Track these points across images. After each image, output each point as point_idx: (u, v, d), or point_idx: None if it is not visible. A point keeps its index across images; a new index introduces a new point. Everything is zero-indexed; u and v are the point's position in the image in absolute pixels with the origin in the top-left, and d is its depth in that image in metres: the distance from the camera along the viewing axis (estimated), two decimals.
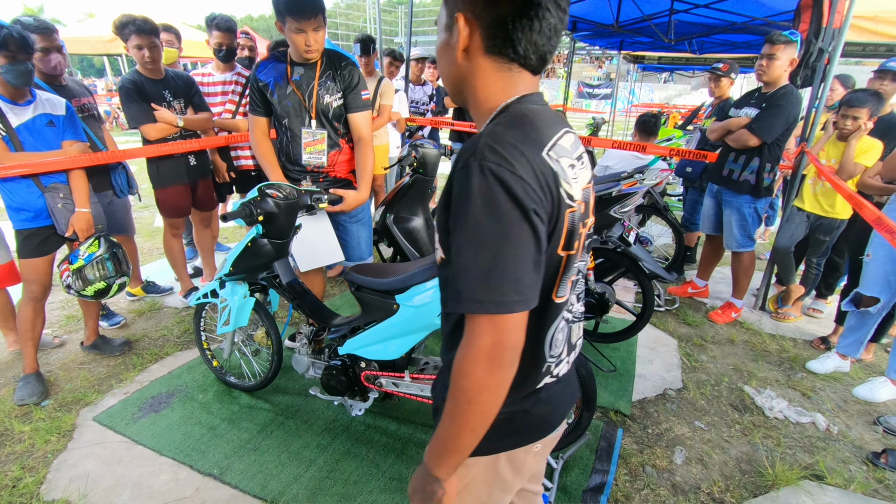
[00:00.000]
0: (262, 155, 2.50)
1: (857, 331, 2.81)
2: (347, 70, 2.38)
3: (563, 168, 0.81)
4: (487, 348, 0.76)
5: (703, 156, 3.60)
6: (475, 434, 0.82)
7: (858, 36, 4.95)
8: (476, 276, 0.75)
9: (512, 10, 0.79)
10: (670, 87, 24.73)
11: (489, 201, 0.74)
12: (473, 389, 0.78)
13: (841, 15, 3.15)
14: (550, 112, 0.88)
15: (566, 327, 0.95)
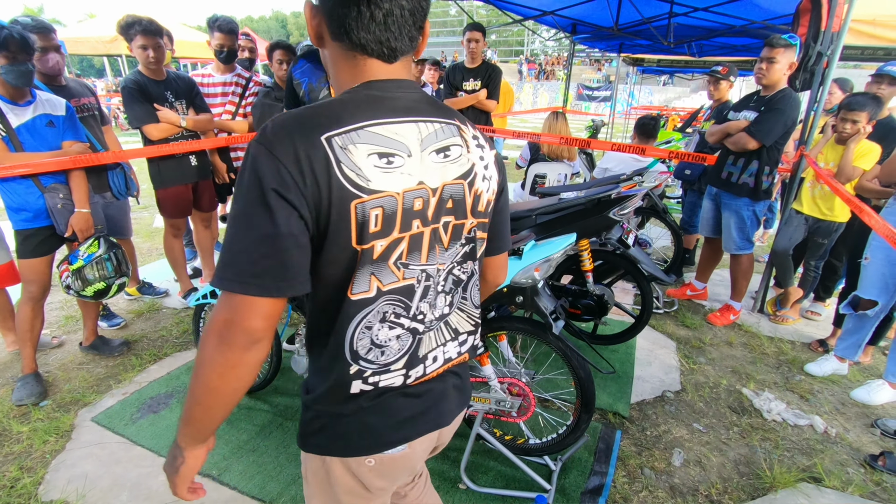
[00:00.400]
0: None
1: (855, 333, 2.82)
2: None
3: (346, 153, 0.76)
4: (220, 324, 0.74)
5: (702, 158, 3.61)
6: (202, 408, 0.79)
7: (857, 39, 4.97)
8: (225, 251, 0.74)
9: (333, 4, 0.77)
10: (669, 89, 24.78)
11: (241, 180, 0.75)
12: (200, 361, 0.77)
13: (839, 19, 3.16)
14: (394, 100, 0.83)
15: (409, 332, 0.88)
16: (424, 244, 0.86)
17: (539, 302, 1.84)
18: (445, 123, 0.87)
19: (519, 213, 2.87)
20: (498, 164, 0.96)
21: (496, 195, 0.96)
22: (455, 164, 0.87)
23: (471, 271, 0.96)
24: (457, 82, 4.54)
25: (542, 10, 6.52)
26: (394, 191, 0.80)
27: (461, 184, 0.87)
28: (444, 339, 0.95)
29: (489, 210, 0.94)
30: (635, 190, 2.71)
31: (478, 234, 0.94)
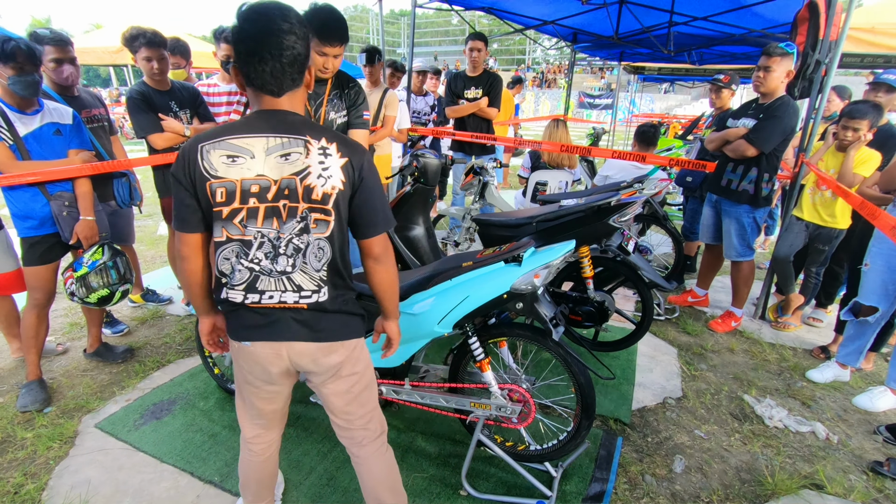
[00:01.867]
0: None
1: (857, 340, 2.82)
2: (354, 90, 2.50)
3: (209, 154, 1.26)
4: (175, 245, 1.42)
5: (702, 166, 3.63)
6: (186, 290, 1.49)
7: (857, 47, 5.01)
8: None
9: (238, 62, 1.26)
10: (670, 97, 24.87)
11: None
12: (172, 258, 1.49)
13: (837, 27, 3.19)
14: (262, 123, 1.28)
15: (248, 269, 1.32)
16: (260, 215, 1.29)
17: (539, 308, 1.86)
18: (293, 138, 1.28)
19: (519, 220, 2.89)
20: (346, 170, 1.31)
21: (341, 192, 1.31)
22: (291, 165, 1.27)
23: (308, 242, 1.33)
24: (458, 91, 4.58)
25: (542, 19, 6.57)
26: (234, 178, 1.27)
27: (294, 179, 1.28)
28: (284, 288, 1.35)
29: (331, 201, 1.30)
30: (635, 197, 2.73)
31: (313, 216, 1.31)
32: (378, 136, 4.33)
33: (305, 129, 1.29)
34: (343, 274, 1.43)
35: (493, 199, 4.06)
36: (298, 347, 1.41)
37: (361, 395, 1.56)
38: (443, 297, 1.85)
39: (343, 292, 1.45)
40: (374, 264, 1.46)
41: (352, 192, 1.34)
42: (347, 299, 1.47)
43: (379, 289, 1.51)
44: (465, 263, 1.85)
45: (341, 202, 1.33)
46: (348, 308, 1.46)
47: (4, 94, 2.33)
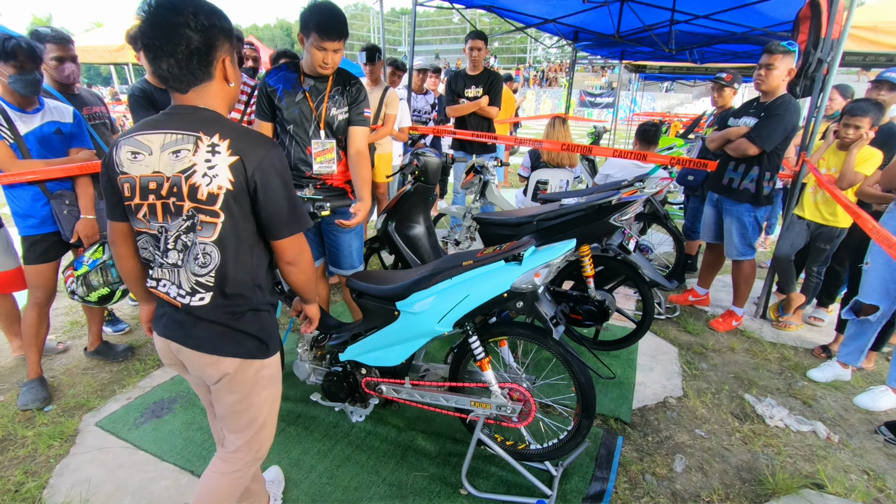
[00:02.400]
0: None
1: (858, 339, 2.82)
2: (356, 87, 2.49)
3: (120, 149, 1.28)
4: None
5: (704, 164, 3.62)
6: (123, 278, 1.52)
7: (859, 46, 5.00)
8: None
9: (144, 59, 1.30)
10: (672, 96, 24.81)
11: None
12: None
13: (839, 26, 3.18)
14: (167, 119, 1.28)
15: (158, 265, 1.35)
16: (158, 211, 1.29)
17: (539, 307, 1.85)
18: (186, 135, 1.24)
19: (520, 218, 2.88)
20: (235, 170, 1.24)
21: (231, 192, 1.25)
22: (180, 162, 1.24)
23: (193, 242, 1.29)
24: (459, 89, 4.57)
25: (543, 17, 6.56)
26: (134, 174, 1.28)
27: (181, 176, 1.25)
28: (172, 281, 1.35)
29: (218, 202, 1.25)
30: (636, 196, 2.73)
31: (199, 217, 1.27)
32: (379, 135, 4.32)
33: (203, 125, 1.25)
34: (245, 284, 1.35)
35: (494, 198, 4.05)
36: (175, 346, 1.41)
37: (239, 420, 1.48)
38: (443, 295, 1.85)
39: (242, 305, 1.36)
40: (287, 266, 1.42)
41: (248, 192, 1.27)
42: (246, 314, 1.38)
43: (295, 287, 1.51)
44: (465, 262, 1.85)
45: (233, 204, 1.26)
46: (240, 324, 1.37)
47: (5, 92, 2.33)
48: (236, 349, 1.39)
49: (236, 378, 1.41)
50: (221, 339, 1.37)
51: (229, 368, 1.39)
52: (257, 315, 1.41)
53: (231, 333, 1.38)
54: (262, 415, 1.50)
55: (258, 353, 1.43)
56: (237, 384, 1.43)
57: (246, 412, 1.47)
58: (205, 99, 1.29)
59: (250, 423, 1.49)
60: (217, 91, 1.31)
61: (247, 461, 1.55)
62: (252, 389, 1.45)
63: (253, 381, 1.44)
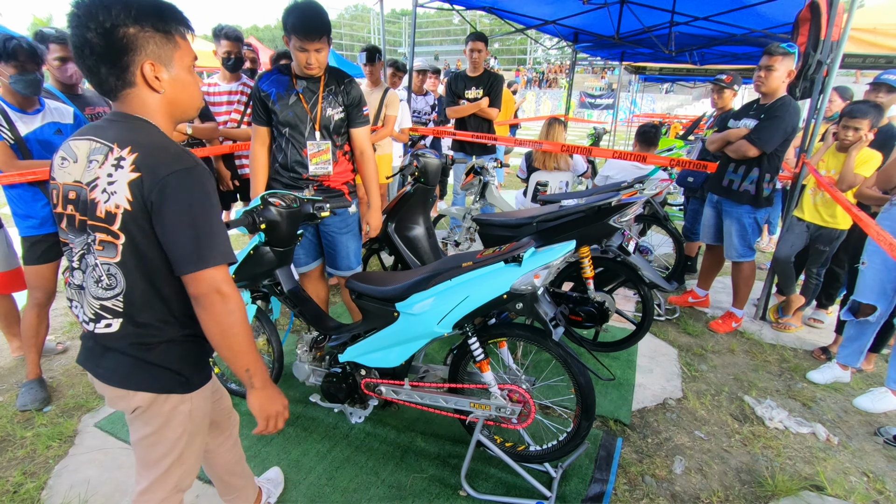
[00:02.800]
0: (254, 168, 2.59)
1: (857, 340, 2.82)
2: (350, 87, 2.48)
3: (57, 153, 1.23)
4: None
5: (703, 166, 3.62)
6: None
7: (858, 48, 5.00)
8: None
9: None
10: (671, 97, 24.83)
11: None
12: None
13: (839, 28, 3.18)
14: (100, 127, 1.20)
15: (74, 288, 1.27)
16: (76, 222, 1.19)
17: (539, 309, 1.85)
18: (102, 144, 1.15)
19: (520, 220, 2.88)
20: (134, 188, 1.10)
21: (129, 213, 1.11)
22: (90, 172, 1.15)
23: (95, 264, 1.17)
24: (459, 91, 4.58)
25: (543, 19, 6.57)
26: (60, 181, 1.20)
27: (85, 188, 1.15)
28: (80, 303, 1.26)
29: (116, 222, 1.12)
30: (635, 197, 2.73)
31: (99, 236, 1.15)
32: (379, 136, 4.32)
33: (122, 135, 1.13)
34: (154, 315, 1.21)
35: (494, 199, 4.06)
36: (89, 376, 1.31)
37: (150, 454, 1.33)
38: (443, 297, 1.85)
39: (150, 336, 1.22)
40: (197, 310, 1.18)
41: (146, 215, 1.12)
42: (160, 346, 1.23)
43: (212, 343, 1.23)
44: (465, 263, 1.85)
45: (132, 226, 1.12)
46: (153, 356, 1.23)
47: (6, 92, 2.33)
48: (149, 383, 1.25)
49: (150, 412, 1.27)
50: (132, 372, 1.23)
51: (141, 402, 1.26)
52: (176, 346, 1.26)
53: (143, 365, 1.23)
54: (175, 451, 1.33)
55: (176, 388, 1.28)
56: (151, 417, 1.28)
57: (157, 446, 1.32)
58: (131, 106, 1.18)
59: (162, 457, 1.33)
60: (144, 97, 1.17)
61: (165, 497, 1.37)
62: (167, 425, 1.29)
63: (169, 416, 1.29)
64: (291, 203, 2.18)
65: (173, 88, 1.20)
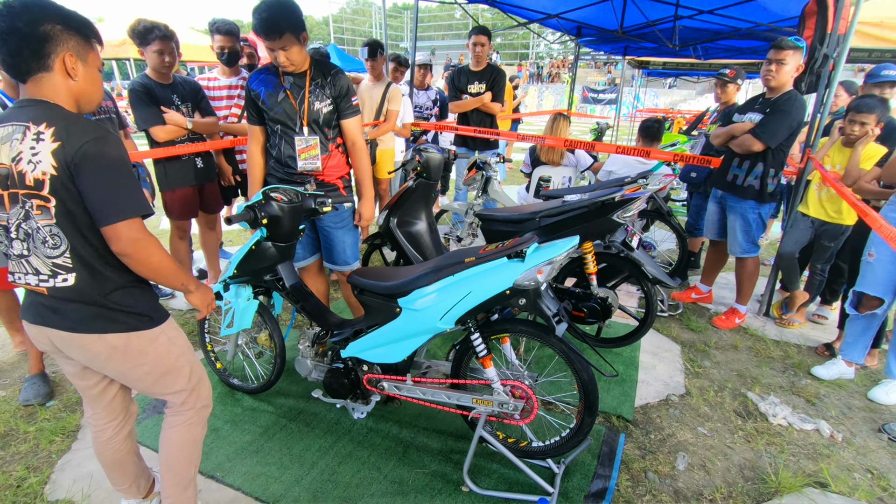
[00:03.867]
0: (250, 166, 2.60)
1: (863, 335, 2.80)
2: (337, 78, 2.45)
3: None
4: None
5: (707, 161, 3.60)
6: None
7: (864, 42, 4.95)
8: None
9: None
10: (675, 92, 24.71)
11: None
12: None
13: (846, 21, 3.15)
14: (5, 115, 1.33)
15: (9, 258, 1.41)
16: (6, 201, 1.34)
17: (542, 304, 1.84)
18: (18, 125, 1.30)
19: (522, 215, 2.87)
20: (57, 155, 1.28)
21: (56, 178, 1.29)
22: (12, 150, 1.30)
23: (34, 228, 1.34)
24: (462, 85, 4.55)
25: (546, 13, 6.52)
26: None
27: (10, 166, 1.31)
28: (26, 271, 1.39)
29: (45, 187, 1.30)
30: (639, 193, 2.71)
31: (34, 202, 1.31)
32: (381, 131, 4.31)
33: (32, 115, 1.30)
34: (101, 265, 1.40)
35: (496, 195, 4.04)
36: (52, 334, 1.44)
37: (165, 381, 1.59)
38: (445, 292, 1.84)
39: (107, 285, 1.42)
40: (122, 258, 1.38)
41: (66, 180, 1.30)
42: (115, 292, 1.43)
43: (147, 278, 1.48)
44: (467, 259, 1.84)
45: (61, 188, 1.31)
46: (112, 302, 1.43)
47: (7, 87, 2.32)
48: (114, 325, 1.44)
49: (129, 350, 1.47)
50: (96, 318, 1.42)
51: (116, 343, 1.45)
52: (128, 292, 1.46)
53: (105, 312, 1.43)
54: (184, 368, 1.62)
55: (141, 326, 1.49)
56: (138, 355, 1.49)
57: (169, 372, 1.58)
58: (44, 91, 1.34)
59: (177, 378, 1.60)
60: (57, 84, 1.35)
61: (197, 408, 1.68)
62: (157, 355, 1.54)
63: (153, 348, 1.52)
64: (293, 198, 2.18)
65: (84, 81, 1.39)
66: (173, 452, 1.68)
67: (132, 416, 1.80)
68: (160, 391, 1.62)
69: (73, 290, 1.39)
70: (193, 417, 1.68)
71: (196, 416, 1.69)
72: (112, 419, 1.72)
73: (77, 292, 1.40)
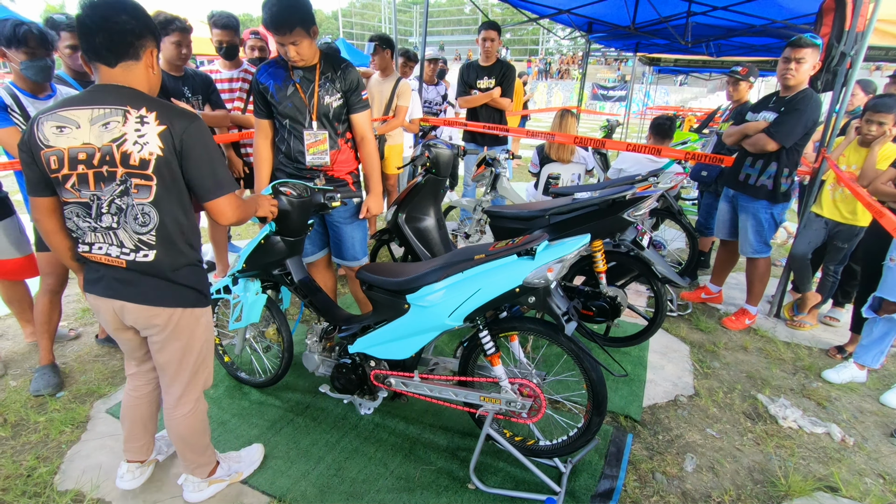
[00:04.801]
0: (258, 160, 2.58)
1: (882, 340, 2.75)
2: (347, 72, 2.44)
3: (42, 126, 1.42)
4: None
5: (720, 160, 3.55)
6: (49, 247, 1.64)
7: (882, 40, 4.85)
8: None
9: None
10: (686, 89, 24.49)
11: None
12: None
13: (864, 18, 3.09)
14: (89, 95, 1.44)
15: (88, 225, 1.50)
16: (90, 179, 1.44)
17: (551, 303, 1.82)
18: (115, 108, 1.41)
19: (532, 212, 2.85)
20: (165, 137, 1.42)
21: (161, 158, 1.43)
22: (110, 132, 1.41)
23: (129, 205, 1.46)
24: (471, 80, 4.52)
25: (557, 8, 6.46)
26: (61, 146, 1.42)
27: (112, 145, 1.41)
28: (111, 242, 1.51)
29: (150, 167, 1.43)
30: (650, 191, 2.68)
31: (133, 181, 1.44)
32: (390, 126, 4.29)
33: (129, 100, 1.42)
34: (181, 242, 1.56)
35: (505, 191, 4.02)
36: (119, 305, 1.58)
37: (185, 361, 1.72)
38: (454, 289, 1.83)
39: (180, 261, 1.57)
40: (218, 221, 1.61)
41: (177, 158, 1.45)
42: (183, 269, 1.59)
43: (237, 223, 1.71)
44: (477, 256, 1.82)
45: (164, 168, 1.44)
46: (180, 278, 1.59)
47: (17, 78, 2.33)
48: (181, 300, 1.61)
49: (181, 325, 1.64)
50: (166, 292, 1.58)
51: (175, 316, 1.62)
52: (194, 269, 1.64)
53: (174, 286, 1.59)
54: (202, 355, 1.77)
55: (198, 303, 1.67)
56: (181, 331, 1.65)
57: (188, 355, 1.72)
58: (128, 78, 1.45)
59: (193, 362, 1.74)
60: (140, 73, 1.47)
61: (198, 396, 1.83)
62: (194, 334, 1.70)
63: (195, 326, 1.69)
64: (302, 192, 2.17)
65: (157, 77, 1.55)
66: (187, 434, 1.83)
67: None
68: (173, 369, 1.73)
69: (151, 265, 1.53)
70: (195, 405, 1.82)
71: (198, 403, 1.83)
72: (149, 381, 1.89)
73: (154, 267, 1.53)
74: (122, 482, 1.95)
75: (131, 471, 1.96)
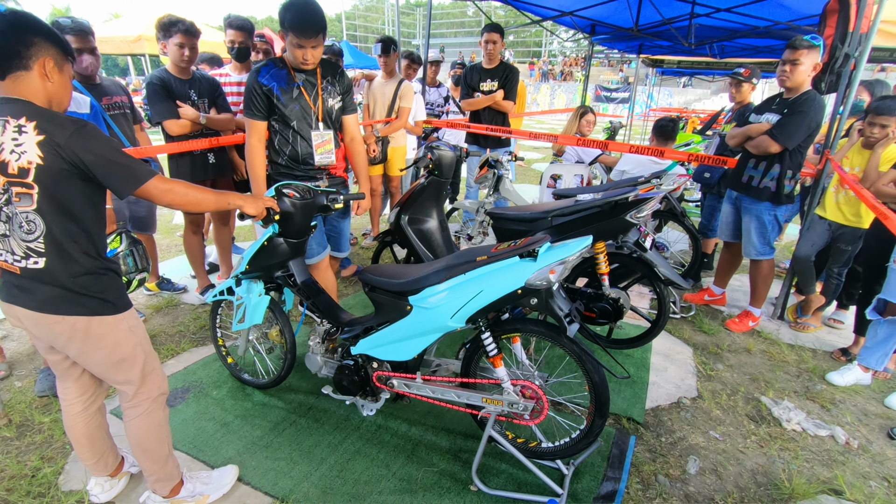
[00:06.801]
0: (253, 164, 2.59)
1: (887, 343, 2.74)
2: (343, 76, 2.61)
3: None
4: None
5: (723, 161, 3.55)
6: None
7: (886, 41, 4.85)
8: None
9: None
10: (689, 91, 24.45)
11: None
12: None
13: (868, 19, 3.08)
14: None
15: None
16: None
17: (554, 304, 1.83)
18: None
19: (534, 214, 2.85)
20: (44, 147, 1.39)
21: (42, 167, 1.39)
22: None
23: (14, 213, 1.44)
24: (474, 83, 4.53)
25: (560, 10, 6.47)
26: None
27: None
28: (5, 249, 1.49)
29: (30, 175, 1.40)
30: (653, 193, 2.68)
31: (14, 189, 1.42)
32: (393, 128, 4.30)
33: (11, 110, 1.41)
34: (73, 251, 1.50)
35: (508, 193, 4.02)
36: (20, 312, 1.55)
37: (121, 368, 1.67)
38: (456, 291, 1.83)
39: (75, 269, 1.52)
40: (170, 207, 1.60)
41: (75, 167, 1.42)
42: (82, 277, 1.53)
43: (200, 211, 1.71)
44: (479, 257, 1.83)
45: (46, 177, 1.41)
46: (77, 286, 1.53)
47: None
48: (78, 308, 1.54)
49: (92, 333, 1.58)
50: (62, 301, 1.53)
51: (78, 325, 1.55)
52: (95, 278, 1.56)
53: (71, 295, 1.53)
54: (139, 359, 1.70)
55: (104, 311, 1.59)
56: (99, 339, 1.60)
57: (124, 360, 1.67)
58: (19, 89, 1.44)
59: (131, 367, 1.69)
60: (32, 83, 1.45)
61: (153, 397, 1.78)
62: (118, 341, 1.63)
63: (114, 333, 1.62)
64: (305, 194, 2.18)
65: (58, 85, 1.51)
66: (143, 439, 1.79)
67: (102, 393, 1.90)
68: (113, 377, 1.70)
69: (43, 272, 1.49)
70: (151, 405, 1.78)
71: (153, 404, 1.79)
72: (81, 394, 1.81)
73: (47, 274, 1.50)
74: (93, 496, 1.94)
75: (99, 484, 1.94)
